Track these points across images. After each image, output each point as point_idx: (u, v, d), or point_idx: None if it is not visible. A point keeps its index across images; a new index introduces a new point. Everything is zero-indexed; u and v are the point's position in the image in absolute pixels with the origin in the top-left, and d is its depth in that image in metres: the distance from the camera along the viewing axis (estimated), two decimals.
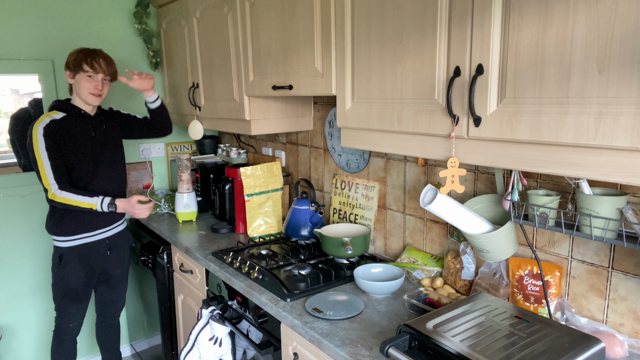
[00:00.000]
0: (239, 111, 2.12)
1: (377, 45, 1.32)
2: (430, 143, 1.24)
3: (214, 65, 2.27)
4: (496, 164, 1.09)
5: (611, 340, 1.21)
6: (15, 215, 2.61)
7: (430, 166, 1.76)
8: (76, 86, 2.10)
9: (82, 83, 2.07)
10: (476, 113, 1.07)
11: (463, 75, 1.10)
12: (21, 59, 2.50)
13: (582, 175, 0.94)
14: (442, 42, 1.15)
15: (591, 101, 0.89)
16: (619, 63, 0.84)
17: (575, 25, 0.89)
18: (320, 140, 2.29)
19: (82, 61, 2.05)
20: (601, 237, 1.11)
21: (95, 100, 2.11)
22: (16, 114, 2.56)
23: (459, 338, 1.10)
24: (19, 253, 2.65)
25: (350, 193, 2.13)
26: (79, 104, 2.14)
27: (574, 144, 0.92)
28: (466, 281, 1.61)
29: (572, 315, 1.34)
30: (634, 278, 1.25)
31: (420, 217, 1.83)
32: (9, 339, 2.68)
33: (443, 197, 1.32)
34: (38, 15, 2.53)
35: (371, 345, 1.33)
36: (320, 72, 1.58)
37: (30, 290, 2.71)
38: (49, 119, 2.05)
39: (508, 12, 1.00)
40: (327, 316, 1.49)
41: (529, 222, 1.27)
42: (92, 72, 2.06)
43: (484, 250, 1.38)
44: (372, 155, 2.01)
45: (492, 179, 1.55)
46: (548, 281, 1.39)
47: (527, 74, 0.98)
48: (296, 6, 1.64)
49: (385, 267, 1.77)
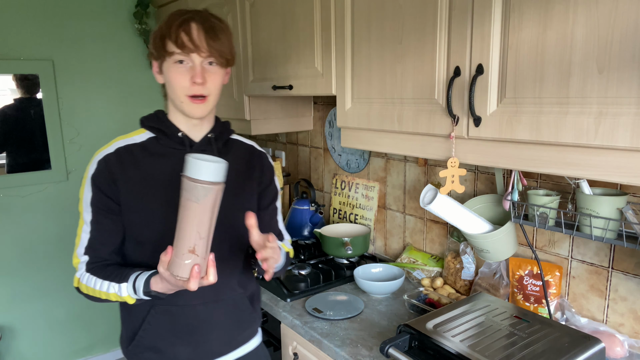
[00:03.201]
0: (239, 111, 2.12)
1: (377, 45, 1.32)
2: (430, 143, 1.24)
3: None
4: (496, 164, 1.09)
5: (611, 340, 1.21)
6: (15, 215, 2.61)
7: (430, 166, 1.76)
8: (167, 86, 1.17)
9: (170, 76, 1.13)
10: (476, 113, 1.07)
11: (463, 75, 1.10)
12: (21, 59, 2.50)
13: (582, 175, 0.94)
14: (442, 42, 1.15)
15: (591, 101, 0.88)
16: (619, 63, 0.84)
17: (575, 25, 0.89)
18: (320, 140, 2.29)
19: (166, 35, 1.11)
20: (601, 237, 1.11)
21: (197, 110, 1.14)
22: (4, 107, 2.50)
23: (459, 338, 1.10)
24: (19, 253, 2.65)
25: (350, 193, 2.13)
26: (176, 119, 1.20)
27: (574, 144, 0.92)
28: (466, 281, 1.61)
29: (572, 315, 1.34)
30: (634, 278, 1.25)
31: (420, 217, 1.83)
32: (9, 339, 2.68)
33: (443, 197, 1.32)
34: (38, 15, 2.52)
35: (371, 345, 1.33)
36: (320, 72, 1.58)
37: (30, 290, 2.70)
38: (119, 144, 1.18)
39: (508, 12, 1.00)
40: (327, 316, 1.49)
41: (529, 222, 1.27)
42: (181, 52, 1.10)
43: (484, 250, 1.38)
44: (372, 155, 2.01)
45: (492, 179, 1.55)
46: (548, 281, 1.39)
47: (527, 74, 0.98)
48: (296, 6, 1.64)
49: (385, 267, 1.77)
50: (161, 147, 1.19)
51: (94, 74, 2.71)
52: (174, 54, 1.10)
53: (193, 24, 1.10)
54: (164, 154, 1.18)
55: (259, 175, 1.30)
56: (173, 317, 1.19)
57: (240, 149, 1.30)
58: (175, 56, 1.11)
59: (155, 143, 1.19)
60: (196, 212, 0.92)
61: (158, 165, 1.17)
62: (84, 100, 2.69)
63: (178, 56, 1.10)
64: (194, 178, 0.89)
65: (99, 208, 1.15)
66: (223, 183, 0.94)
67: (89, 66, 2.69)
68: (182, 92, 1.13)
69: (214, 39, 1.11)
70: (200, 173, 0.89)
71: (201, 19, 1.12)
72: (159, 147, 1.19)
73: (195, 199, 0.91)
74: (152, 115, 1.23)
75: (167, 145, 1.19)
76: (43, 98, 2.57)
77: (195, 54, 1.10)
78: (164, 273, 0.97)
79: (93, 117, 2.73)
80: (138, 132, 1.22)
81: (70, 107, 2.66)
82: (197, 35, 1.10)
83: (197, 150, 1.20)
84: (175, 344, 1.21)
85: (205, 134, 1.22)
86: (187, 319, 1.20)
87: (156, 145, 1.19)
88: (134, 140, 1.19)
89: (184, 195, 0.92)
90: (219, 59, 1.13)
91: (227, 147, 1.27)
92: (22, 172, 2.59)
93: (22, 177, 2.59)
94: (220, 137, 1.25)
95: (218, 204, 0.95)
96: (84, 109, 2.70)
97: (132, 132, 1.23)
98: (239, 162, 1.27)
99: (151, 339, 1.20)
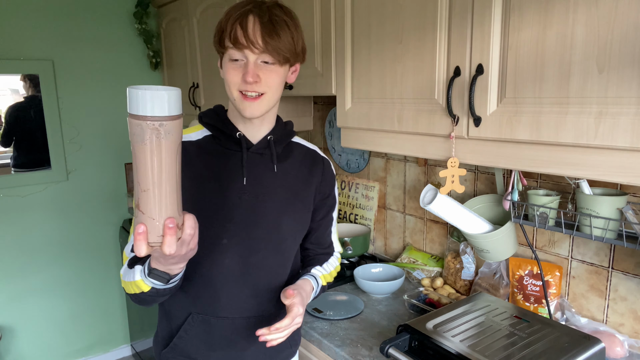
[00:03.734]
0: None
1: (377, 45, 1.32)
2: (430, 143, 1.24)
3: (214, 65, 2.27)
4: (496, 164, 1.09)
5: (611, 340, 1.21)
6: (15, 215, 2.61)
7: (430, 166, 1.76)
8: (225, 83, 1.07)
9: (225, 72, 1.05)
10: (476, 113, 1.07)
11: (463, 75, 1.10)
12: (21, 59, 2.50)
13: (582, 175, 0.94)
14: (442, 42, 1.15)
15: (591, 101, 0.88)
16: (619, 63, 0.84)
17: (575, 25, 0.89)
18: (320, 140, 2.29)
19: (224, 29, 1.03)
20: (601, 237, 1.11)
21: (248, 108, 1.03)
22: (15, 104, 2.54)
23: (459, 338, 1.10)
24: (19, 253, 2.65)
25: (350, 193, 2.13)
26: (234, 117, 1.12)
27: (574, 144, 0.92)
28: (466, 281, 1.61)
29: (572, 315, 1.34)
30: (634, 278, 1.25)
31: (420, 217, 1.83)
32: (9, 339, 2.68)
33: (443, 197, 1.32)
34: (38, 15, 2.52)
35: (371, 345, 1.33)
36: (320, 72, 1.58)
37: (30, 290, 2.70)
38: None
39: (508, 12, 1.00)
40: (327, 316, 1.49)
41: (529, 222, 1.27)
42: (234, 47, 1.01)
43: (484, 250, 1.38)
44: (372, 155, 2.01)
45: (492, 179, 1.55)
46: (548, 281, 1.39)
47: (527, 73, 0.98)
48: (296, 6, 1.64)
49: (385, 267, 1.77)
50: (218, 146, 1.10)
51: (94, 74, 2.71)
52: (229, 50, 1.02)
53: (251, 16, 0.99)
54: (220, 154, 1.10)
55: (319, 183, 1.20)
56: (211, 328, 1.12)
57: (301, 153, 1.20)
58: (230, 52, 1.02)
59: (212, 142, 1.11)
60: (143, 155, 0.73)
61: (212, 165, 1.08)
62: (84, 100, 2.69)
63: (232, 52, 1.02)
64: (134, 114, 0.72)
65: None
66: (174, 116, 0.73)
67: (89, 66, 2.69)
68: (234, 88, 1.03)
69: (270, 35, 0.99)
70: (139, 106, 0.71)
71: (260, 12, 1.00)
72: (216, 147, 1.10)
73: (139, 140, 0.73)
74: (211, 111, 1.14)
75: (225, 145, 1.10)
76: (43, 98, 2.57)
77: (248, 50, 1.00)
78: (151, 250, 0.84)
79: (93, 117, 2.73)
80: (195, 128, 1.13)
81: (70, 107, 2.66)
82: (252, 30, 0.99)
83: (253, 152, 1.11)
84: (210, 356, 1.14)
85: (264, 136, 1.12)
86: (225, 331, 1.13)
87: (212, 144, 1.11)
88: (189, 138, 1.10)
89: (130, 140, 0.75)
90: (276, 56, 1.01)
91: (287, 151, 1.17)
92: (22, 172, 2.59)
93: (22, 177, 2.59)
94: (280, 140, 1.14)
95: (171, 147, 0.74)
96: (84, 109, 2.70)
97: (189, 127, 1.15)
98: (299, 166, 1.17)
99: (186, 346, 1.14)
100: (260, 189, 1.10)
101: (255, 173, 1.10)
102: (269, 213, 1.10)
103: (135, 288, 0.97)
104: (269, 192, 1.11)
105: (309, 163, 1.19)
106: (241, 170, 1.09)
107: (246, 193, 1.09)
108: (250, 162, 1.10)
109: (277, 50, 1.00)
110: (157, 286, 0.94)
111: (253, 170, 1.10)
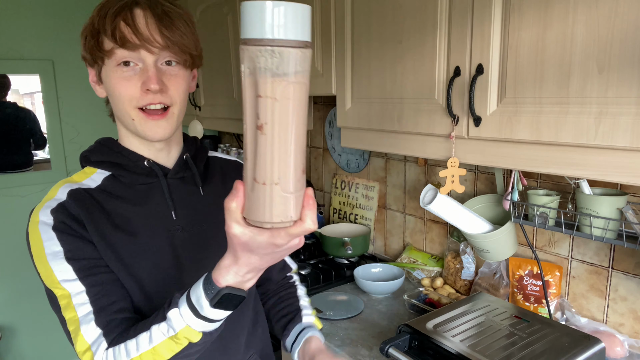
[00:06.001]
0: (239, 111, 2.12)
1: (377, 45, 1.32)
2: (430, 143, 1.24)
3: (214, 65, 2.27)
4: (496, 164, 1.09)
5: (611, 340, 1.21)
6: (15, 215, 2.61)
7: (430, 166, 1.76)
8: (111, 100, 0.87)
9: (113, 85, 0.82)
10: (476, 113, 1.07)
11: (463, 75, 1.10)
12: (21, 59, 2.50)
13: (582, 175, 0.94)
14: (442, 42, 1.15)
15: (591, 101, 0.88)
16: (619, 63, 0.84)
17: (576, 25, 0.89)
18: (320, 140, 2.29)
19: (100, 29, 0.79)
20: (601, 237, 1.11)
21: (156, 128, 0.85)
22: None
23: (459, 338, 1.10)
24: (19, 253, 2.65)
25: (350, 193, 2.13)
26: (131, 144, 0.91)
27: (574, 143, 0.92)
28: (466, 281, 1.61)
29: (572, 315, 1.33)
30: (634, 278, 1.25)
31: (420, 217, 1.83)
32: (9, 339, 2.68)
33: (443, 197, 1.32)
34: (38, 15, 2.52)
35: (371, 345, 1.33)
36: (320, 72, 1.58)
37: (30, 290, 2.70)
38: (68, 187, 0.85)
39: (508, 11, 1.00)
40: (327, 316, 1.49)
41: (529, 222, 1.27)
42: (122, 49, 0.79)
43: (484, 250, 1.38)
44: (372, 155, 2.01)
45: (492, 179, 1.55)
46: (548, 281, 1.39)
47: (527, 73, 0.98)
48: None
49: (385, 267, 1.77)
50: (122, 186, 0.87)
51: None
52: (114, 53, 0.79)
53: (137, 10, 0.79)
54: (131, 195, 0.86)
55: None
56: None
57: (223, 168, 1.03)
58: (116, 56, 0.79)
59: (114, 184, 0.86)
60: (293, 97, 0.50)
61: (127, 212, 0.84)
62: (84, 100, 2.69)
63: (120, 55, 0.79)
64: (272, 39, 0.48)
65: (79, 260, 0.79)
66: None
67: None
68: (130, 106, 0.81)
69: (169, 29, 0.79)
70: (280, 27, 0.47)
71: (148, 3, 0.80)
72: (120, 188, 0.86)
73: (282, 74, 0.49)
74: (99, 146, 0.91)
75: (133, 182, 0.87)
76: (43, 98, 2.57)
77: (144, 50, 0.78)
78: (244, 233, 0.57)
79: (93, 117, 2.73)
80: (84, 173, 0.88)
81: (70, 107, 2.66)
82: (144, 24, 0.78)
83: (172, 177, 0.90)
84: None
85: (177, 157, 0.93)
86: None
87: (118, 186, 0.86)
88: (87, 185, 0.85)
89: (254, 79, 0.50)
90: (181, 55, 0.82)
91: (207, 169, 0.99)
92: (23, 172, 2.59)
93: (22, 177, 2.59)
94: (198, 156, 0.97)
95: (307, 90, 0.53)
96: (84, 109, 2.70)
97: (76, 174, 0.89)
98: (227, 182, 1.00)
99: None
100: (194, 218, 0.90)
101: (182, 203, 0.90)
102: (214, 244, 0.90)
103: (174, 345, 0.72)
104: (205, 220, 0.91)
105: (234, 176, 1.01)
106: (165, 204, 0.88)
107: (179, 229, 0.88)
108: (171, 190, 0.89)
109: (179, 46, 0.81)
110: (211, 327, 0.71)
111: (178, 201, 0.90)
